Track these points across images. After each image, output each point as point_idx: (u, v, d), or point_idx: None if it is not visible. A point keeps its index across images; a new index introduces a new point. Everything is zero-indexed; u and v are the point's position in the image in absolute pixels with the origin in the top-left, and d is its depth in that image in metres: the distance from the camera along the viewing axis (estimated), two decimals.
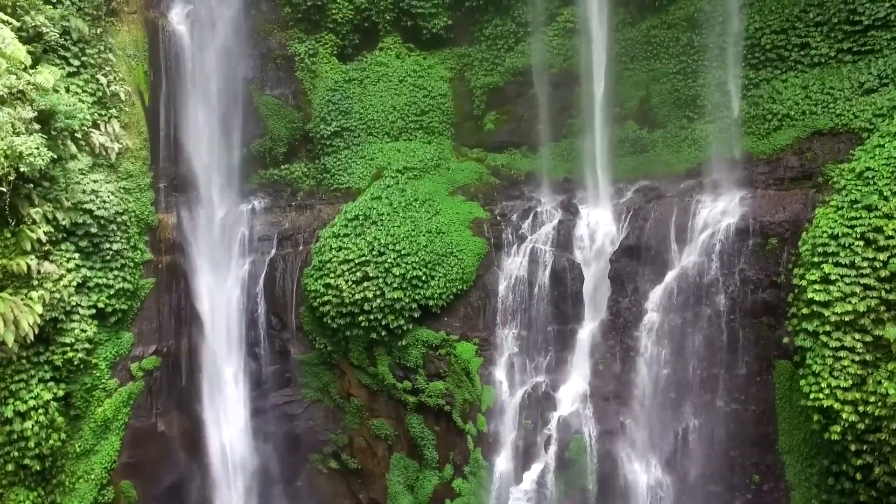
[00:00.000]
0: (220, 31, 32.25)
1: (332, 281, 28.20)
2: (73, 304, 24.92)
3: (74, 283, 24.95)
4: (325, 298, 28.39)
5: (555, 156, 32.57)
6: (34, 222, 23.63)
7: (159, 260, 28.87)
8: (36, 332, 23.11)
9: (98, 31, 27.17)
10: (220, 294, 30.47)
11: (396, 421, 29.85)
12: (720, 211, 25.84)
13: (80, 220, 25.43)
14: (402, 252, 27.82)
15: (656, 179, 29.76)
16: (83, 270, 25.51)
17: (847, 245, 21.05)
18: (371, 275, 27.76)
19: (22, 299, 22.98)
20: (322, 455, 31.18)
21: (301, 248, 31.07)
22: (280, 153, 33.55)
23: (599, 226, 28.43)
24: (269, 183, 33.51)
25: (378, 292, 27.62)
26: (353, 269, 28.09)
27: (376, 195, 29.99)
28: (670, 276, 25.94)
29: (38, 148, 22.45)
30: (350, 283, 27.96)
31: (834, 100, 26.02)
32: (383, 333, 28.18)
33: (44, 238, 23.83)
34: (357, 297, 27.78)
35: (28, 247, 23.29)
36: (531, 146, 33.45)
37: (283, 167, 33.68)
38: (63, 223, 24.77)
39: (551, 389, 27.23)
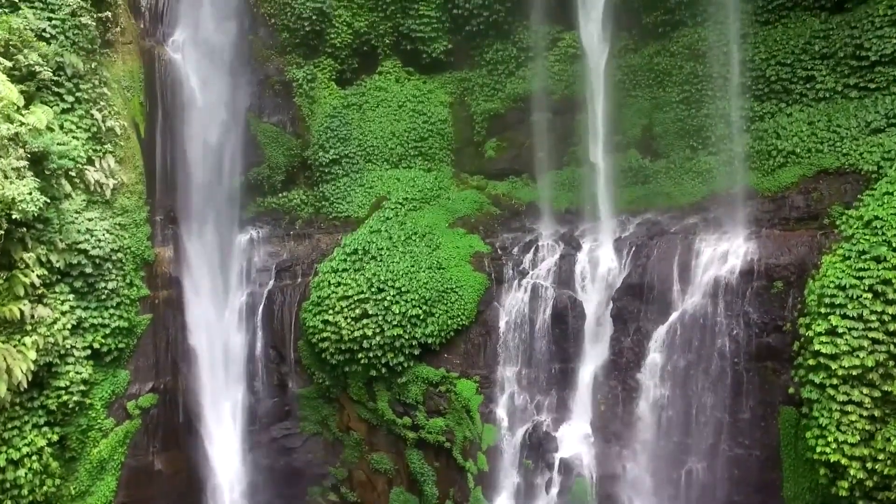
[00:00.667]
0: (217, 58, 31.66)
1: (330, 318, 27.69)
2: (68, 346, 24.43)
3: (69, 326, 24.45)
4: (324, 335, 27.89)
5: (556, 185, 32.00)
6: (27, 266, 23.09)
7: (156, 295, 28.33)
8: (30, 378, 22.63)
9: (93, 66, 26.55)
10: (218, 327, 29.99)
11: (396, 455, 29.42)
12: (724, 251, 25.31)
13: (75, 261, 24.89)
14: (402, 289, 27.31)
15: (659, 213, 29.24)
16: (78, 311, 25.00)
17: (855, 297, 20.55)
18: (370, 312, 27.25)
19: (15, 346, 22.49)
20: (321, 488, 30.76)
21: (299, 280, 30.57)
22: (278, 181, 32.99)
23: (601, 261, 27.90)
24: (268, 211, 32.95)
25: (377, 330, 27.13)
26: (352, 306, 27.57)
27: (375, 228, 29.46)
28: (674, 316, 25.45)
29: (30, 193, 21.93)
30: (349, 319, 27.45)
31: (840, 138, 25.47)
32: (383, 370, 27.71)
33: (37, 282, 23.32)
34: (356, 334, 27.29)
35: (21, 292, 22.78)
36: (532, 174, 32.91)
37: (281, 195, 33.12)
38: (57, 265, 24.26)
39: (552, 429, 26.80)
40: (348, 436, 30.07)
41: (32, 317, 23.17)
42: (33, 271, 23.24)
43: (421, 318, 27.32)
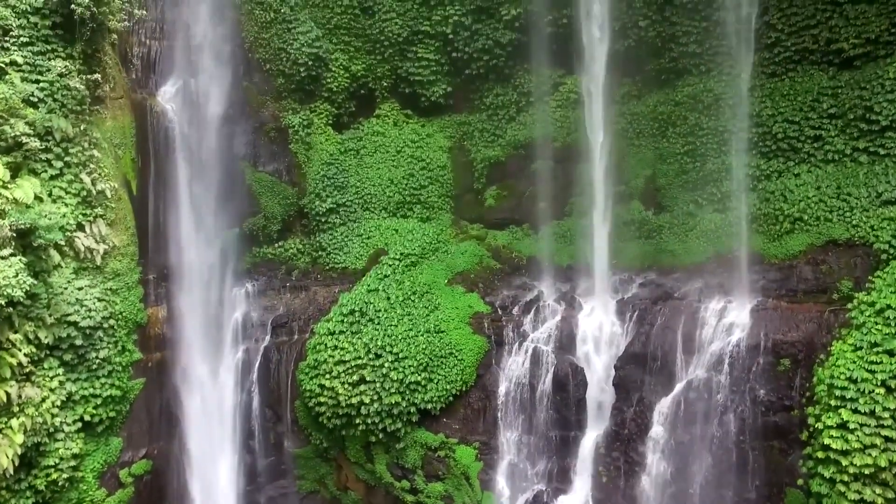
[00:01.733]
0: (211, 107, 30.73)
1: (326, 382, 26.90)
2: (58, 423, 23.62)
3: (58, 403, 23.63)
4: (321, 399, 27.11)
5: (558, 236, 31.16)
6: (13, 346, 22.26)
7: (149, 358, 27.51)
8: (17, 463, 21.84)
9: (82, 128, 25.57)
10: (214, 385, 29.22)
11: None
12: (730, 322, 24.49)
13: (65, 334, 24.05)
14: (400, 355, 26.50)
15: (663, 273, 28.41)
16: (68, 385, 24.19)
17: (867, 392, 19.73)
18: (368, 378, 26.45)
19: (1, 430, 21.67)
20: None
21: (296, 336, 29.76)
22: (274, 230, 32.12)
23: (604, 325, 27.10)
24: (264, 262, 32.09)
25: (375, 397, 26.35)
26: (349, 371, 26.78)
27: (373, 287, 28.60)
28: (678, 388, 24.67)
29: (16, 276, 21.07)
30: (346, 385, 26.66)
31: (850, 208, 24.58)
32: (381, 436, 26.93)
33: (24, 361, 22.50)
34: (353, 400, 26.50)
35: (7, 374, 21.95)
36: (533, 224, 32.07)
37: (277, 245, 32.26)
38: (46, 341, 23.40)
39: (553, 498, 26.07)
40: (346, 495, 29.35)
41: (20, 397, 22.36)
42: (20, 350, 22.40)
43: (420, 384, 26.53)
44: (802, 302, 24.05)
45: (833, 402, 20.20)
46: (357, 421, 26.76)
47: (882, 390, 19.54)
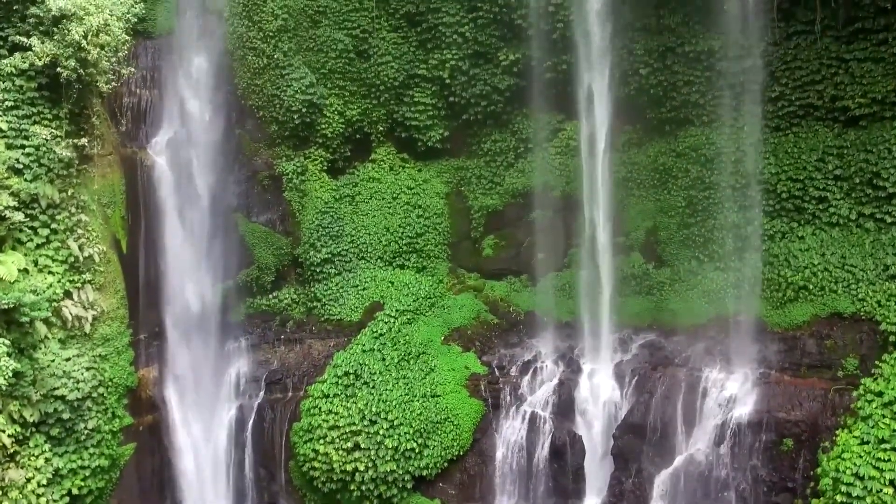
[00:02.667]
0: (203, 156, 29.96)
1: (321, 447, 26.28)
2: (43, 502, 22.98)
3: (44, 482, 23.00)
4: (314, 464, 26.49)
5: (556, 289, 30.43)
6: None
7: (140, 422, 26.93)
8: None
9: (69, 193, 24.86)
10: (207, 445, 28.65)
11: None
12: (731, 395, 23.85)
13: (52, 409, 23.42)
14: (395, 422, 25.86)
15: (663, 332, 27.73)
16: (55, 461, 23.55)
17: (875, 491, 19.06)
18: (362, 445, 25.83)
19: None
20: None
21: (290, 394, 29.10)
22: (268, 281, 31.37)
23: (602, 389, 26.49)
24: (258, 313, 31.37)
25: (370, 464, 25.73)
26: (344, 437, 26.15)
27: (368, 347, 27.93)
28: (678, 461, 24.05)
29: None
30: (340, 451, 26.04)
31: (856, 280, 23.83)
32: (376, 502, 26.30)
33: (9, 443, 21.86)
34: (347, 467, 25.89)
35: None
36: (532, 276, 31.34)
37: (271, 296, 31.53)
38: (31, 419, 22.76)
39: None
40: None
41: (3, 480, 21.77)
42: (4, 432, 21.77)
43: (415, 451, 25.92)
44: (806, 377, 23.35)
45: (839, 499, 19.52)
46: (352, 487, 26.15)
47: (890, 490, 18.87)
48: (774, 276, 25.66)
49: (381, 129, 33.18)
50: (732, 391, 23.86)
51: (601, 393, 26.37)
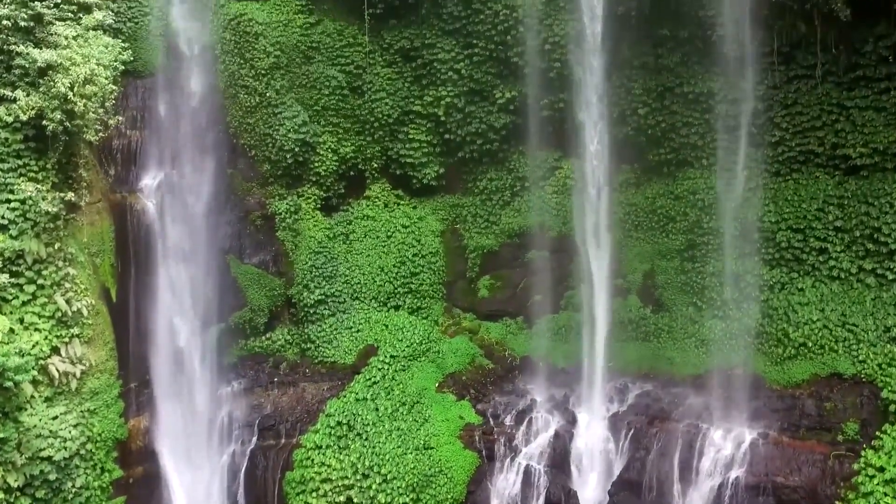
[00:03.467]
0: (194, 198, 29.42)
1: (313, 501, 25.89)
2: None
3: None
4: None
5: (553, 333, 29.96)
6: None
7: (130, 474, 26.42)
8: None
9: (56, 247, 24.30)
10: (198, 494, 28.18)
11: None
12: (729, 455, 23.38)
13: (38, 472, 22.94)
14: (388, 476, 25.44)
15: (659, 382, 27.26)
16: None
17: None
18: (355, 500, 25.44)
19: None
20: None
21: (283, 440, 28.63)
22: (261, 323, 30.90)
23: (598, 442, 26.03)
24: (250, 355, 30.90)
25: None
26: (336, 490, 25.75)
27: (361, 396, 27.49)
28: None
29: None
30: None
31: (857, 340, 23.33)
32: None
33: None
34: None
35: None
36: (528, 318, 30.87)
37: (264, 337, 31.05)
38: (16, 484, 22.31)
39: None
40: None
41: None
42: None
43: None
44: (805, 439, 22.88)
45: None
46: None
47: None
48: (773, 331, 25.14)
49: (375, 165, 32.65)
50: (730, 451, 23.40)
51: (597, 446, 25.94)
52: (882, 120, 25.01)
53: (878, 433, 21.27)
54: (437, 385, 28.57)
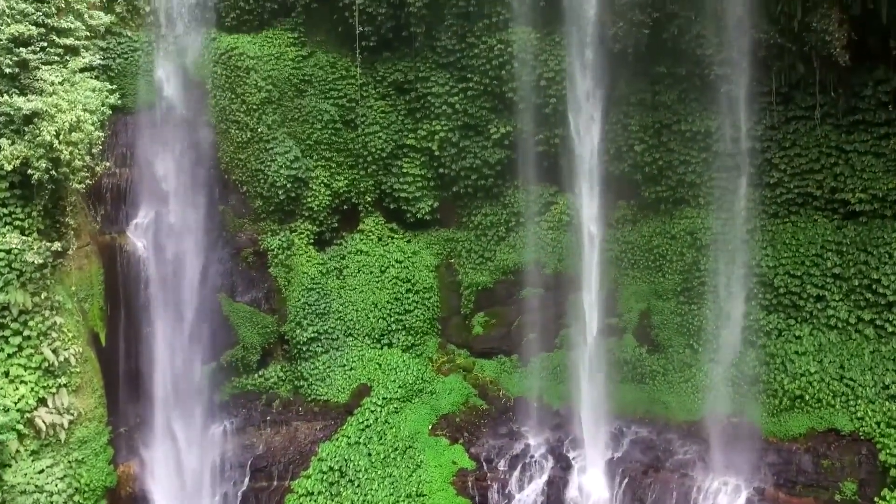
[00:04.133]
0: (185, 236, 28.99)
1: None
2: None
3: None
4: None
5: (548, 372, 29.49)
6: None
7: None
8: None
9: (43, 296, 23.88)
10: None
11: None
12: None
13: None
14: None
15: (655, 427, 26.78)
16: None
17: None
18: None
19: None
20: None
21: (275, 483, 28.31)
22: (253, 361, 30.44)
23: (592, 489, 25.61)
24: (242, 393, 30.47)
25: None
26: None
27: (354, 440, 27.11)
28: None
29: None
30: None
31: (855, 396, 22.88)
32: None
33: None
34: None
35: None
36: (522, 356, 30.36)
37: (257, 374, 30.61)
38: None
39: None
40: None
41: None
42: None
43: None
44: (802, 496, 22.46)
45: None
46: None
47: None
48: (770, 380, 24.68)
49: (369, 199, 32.19)
50: None
51: (591, 493, 25.55)
52: (881, 166, 24.50)
53: (875, 499, 20.84)
54: (430, 427, 28.15)
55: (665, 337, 28.27)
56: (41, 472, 23.36)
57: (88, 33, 26.17)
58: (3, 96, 23.07)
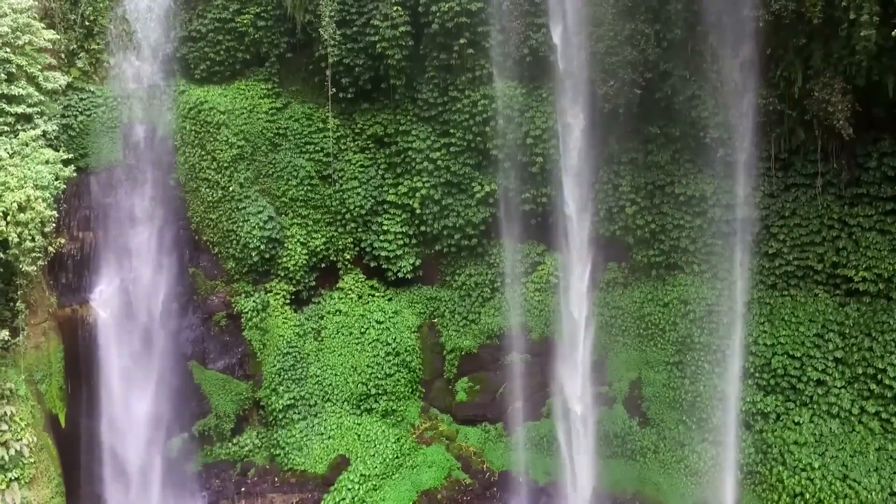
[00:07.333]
0: (153, 303, 27.08)
1: None
2: None
3: None
4: None
5: (534, 443, 27.65)
6: None
7: None
8: None
9: None
10: None
11: None
12: None
13: None
14: None
15: None
16: None
17: None
18: None
19: None
20: None
21: None
22: (227, 429, 28.47)
23: None
24: (215, 463, 28.47)
25: None
26: None
27: None
28: None
29: None
30: None
31: (860, 501, 20.97)
32: None
33: None
34: None
35: None
36: (507, 425, 28.47)
37: (231, 442, 28.58)
38: None
39: None
40: None
41: None
42: None
43: None
44: None
45: None
46: None
47: None
48: (767, 472, 22.84)
49: (347, 257, 30.14)
50: None
51: None
52: (887, 244, 22.54)
53: None
54: None
55: (657, 411, 26.41)
56: None
57: (43, 98, 23.96)
58: None
